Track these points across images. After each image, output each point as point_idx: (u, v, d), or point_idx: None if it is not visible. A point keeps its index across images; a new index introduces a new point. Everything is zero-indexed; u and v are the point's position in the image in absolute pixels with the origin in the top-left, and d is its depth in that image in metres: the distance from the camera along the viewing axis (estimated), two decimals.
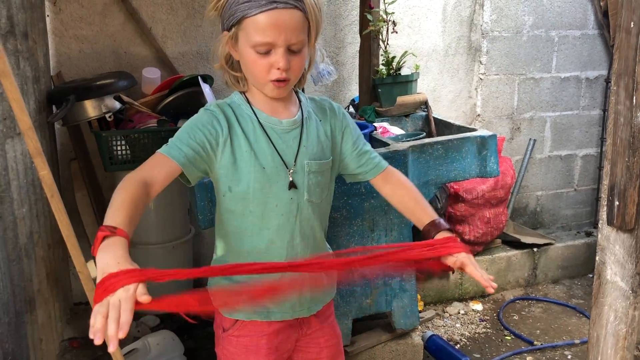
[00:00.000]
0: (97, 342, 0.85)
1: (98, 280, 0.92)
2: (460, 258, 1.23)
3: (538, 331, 2.88)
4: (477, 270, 1.22)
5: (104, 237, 0.98)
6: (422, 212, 1.38)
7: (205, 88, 2.36)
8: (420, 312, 2.81)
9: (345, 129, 1.42)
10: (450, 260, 1.24)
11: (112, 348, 0.86)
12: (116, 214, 1.05)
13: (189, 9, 2.83)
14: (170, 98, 2.52)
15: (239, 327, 1.38)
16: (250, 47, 1.21)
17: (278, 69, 1.21)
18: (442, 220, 1.34)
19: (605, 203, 1.32)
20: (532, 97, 3.55)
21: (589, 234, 3.61)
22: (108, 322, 0.86)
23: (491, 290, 1.22)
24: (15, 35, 2.00)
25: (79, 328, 2.66)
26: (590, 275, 3.47)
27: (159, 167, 1.20)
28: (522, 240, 3.28)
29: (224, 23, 1.26)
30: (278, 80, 1.23)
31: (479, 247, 3.16)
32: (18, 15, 2.05)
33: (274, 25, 1.17)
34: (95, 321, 0.86)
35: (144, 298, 0.89)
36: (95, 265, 0.94)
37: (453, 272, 3.14)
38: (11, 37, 1.96)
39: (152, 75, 2.68)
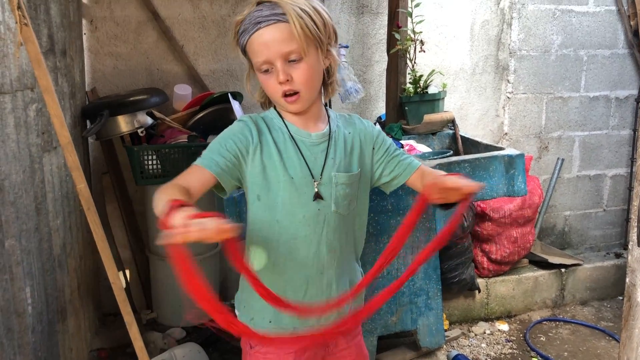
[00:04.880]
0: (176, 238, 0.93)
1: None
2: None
3: (566, 353, 2.83)
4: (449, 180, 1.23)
5: (177, 207, 1.02)
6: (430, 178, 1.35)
7: (235, 105, 2.41)
8: (445, 331, 2.78)
9: (376, 138, 1.44)
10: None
11: (178, 238, 0.93)
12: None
13: (219, 27, 2.90)
14: (201, 114, 2.57)
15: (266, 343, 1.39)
16: (257, 70, 1.29)
17: (280, 83, 1.26)
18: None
19: (636, 224, 1.31)
20: (561, 116, 3.52)
21: (618, 255, 3.55)
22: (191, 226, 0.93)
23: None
24: (55, 53, 2.07)
25: (107, 339, 2.71)
26: (620, 298, 3.40)
27: (194, 176, 1.24)
28: (549, 261, 3.23)
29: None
30: (287, 95, 1.28)
31: (505, 267, 3.13)
32: (58, 33, 2.13)
33: (263, 43, 1.24)
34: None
35: (233, 229, 0.95)
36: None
37: (479, 291, 3.09)
38: (51, 54, 2.03)
39: (183, 92, 2.74)
